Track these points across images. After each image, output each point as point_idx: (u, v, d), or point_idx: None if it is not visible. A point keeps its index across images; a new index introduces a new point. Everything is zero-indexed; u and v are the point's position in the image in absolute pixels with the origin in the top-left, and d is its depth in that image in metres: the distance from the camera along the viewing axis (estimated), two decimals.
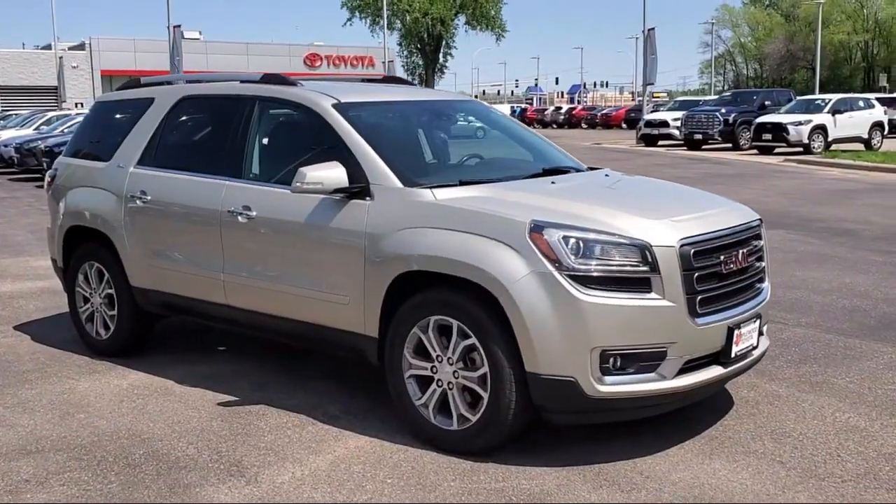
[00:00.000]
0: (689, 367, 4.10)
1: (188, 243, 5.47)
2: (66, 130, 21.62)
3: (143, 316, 6.01)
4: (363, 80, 6.37)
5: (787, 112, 26.82)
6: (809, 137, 25.16)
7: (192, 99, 5.75)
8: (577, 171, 5.31)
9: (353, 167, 4.61)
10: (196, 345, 6.43)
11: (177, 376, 5.65)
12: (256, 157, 5.27)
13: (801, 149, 25.20)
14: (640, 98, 54.80)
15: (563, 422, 4.19)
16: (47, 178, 6.67)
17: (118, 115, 6.42)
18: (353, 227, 4.56)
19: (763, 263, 4.61)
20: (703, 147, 29.62)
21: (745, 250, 4.38)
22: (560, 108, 71.67)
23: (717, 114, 28.81)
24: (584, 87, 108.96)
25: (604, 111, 60.52)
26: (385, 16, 50.63)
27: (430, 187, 4.48)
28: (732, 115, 28.61)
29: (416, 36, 78.08)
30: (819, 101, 27.06)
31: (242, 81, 5.63)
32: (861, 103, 27.24)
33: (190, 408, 5.08)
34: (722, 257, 4.20)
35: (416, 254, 4.28)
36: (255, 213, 4.99)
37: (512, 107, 75.10)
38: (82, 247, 6.23)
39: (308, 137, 5.10)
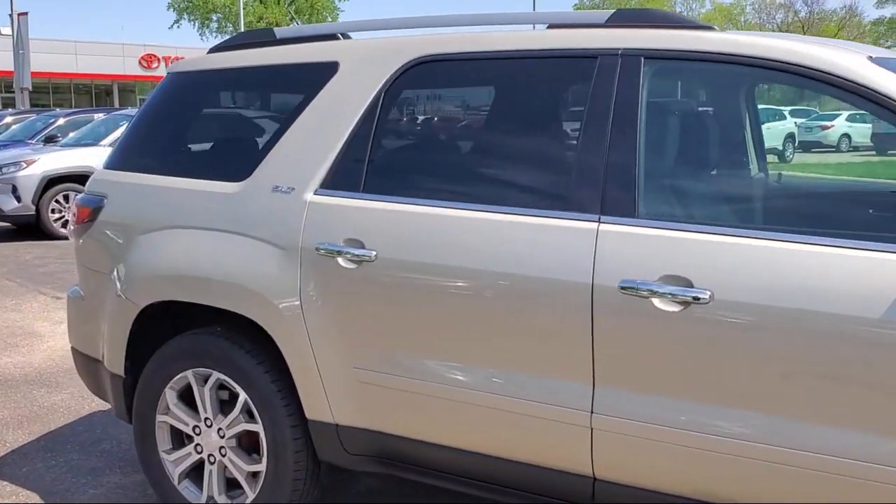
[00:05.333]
0: None
1: (489, 346, 2.71)
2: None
3: (322, 473, 3.18)
4: None
5: None
6: None
7: (444, 62, 2.97)
8: None
9: None
10: None
11: None
12: (662, 176, 2.62)
13: None
14: None
15: None
16: (77, 210, 3.66)
17: (240, 96, 3.54)
18: None
19: None
20: None
21: None
22: None
23: None
24: None
25: None
26: (241, 15, 46.64)
27: None
28: None
29: None
30: None
31: (552, 26, 2.91)
32: (775, 115, 26.55)
33: None
34: None
35: None
36: (708, 294, 2.34)
37: None
38: (180, 341, 3.31)
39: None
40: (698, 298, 2.35)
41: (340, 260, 2.90)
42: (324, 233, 2.95)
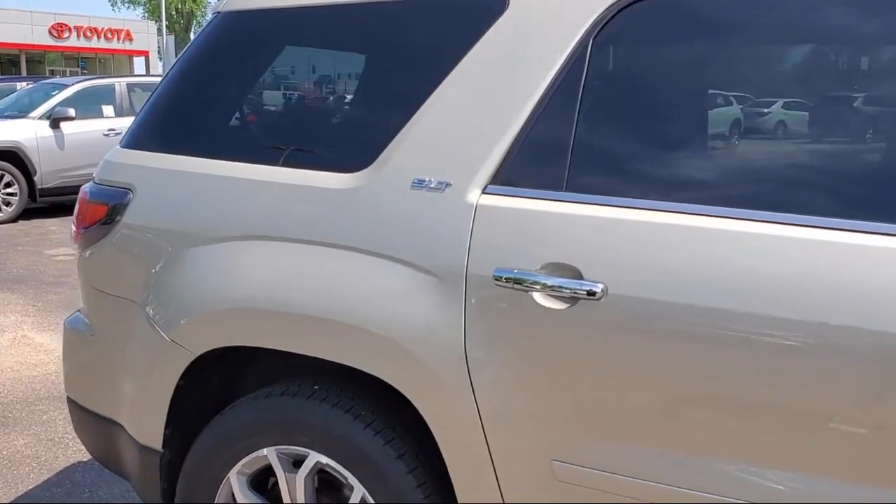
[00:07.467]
0: None
1: (817, 441, 1.72)
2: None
3: None
4: None
5: None
6: None
7: None
8: None
9: None
10: None
11: None
12: None
13: None
14: None
15: None
16: (85, 207, 2.54)
17: (337, 45, 2.47)
18: None
19: None
20: None
21: None
22: None
23: None
24: None
25: None
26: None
27: None
28: None
29: (165, 12, 71.78)
30: None
31: None
32: (720, 100, 26.25)
33: None
34: None
35: None
36: None
37: None
38: (256, 405, 2.24)
39: None
40: None
41: (538, 296, 1.88)
42: (507, 253, 1.92)
